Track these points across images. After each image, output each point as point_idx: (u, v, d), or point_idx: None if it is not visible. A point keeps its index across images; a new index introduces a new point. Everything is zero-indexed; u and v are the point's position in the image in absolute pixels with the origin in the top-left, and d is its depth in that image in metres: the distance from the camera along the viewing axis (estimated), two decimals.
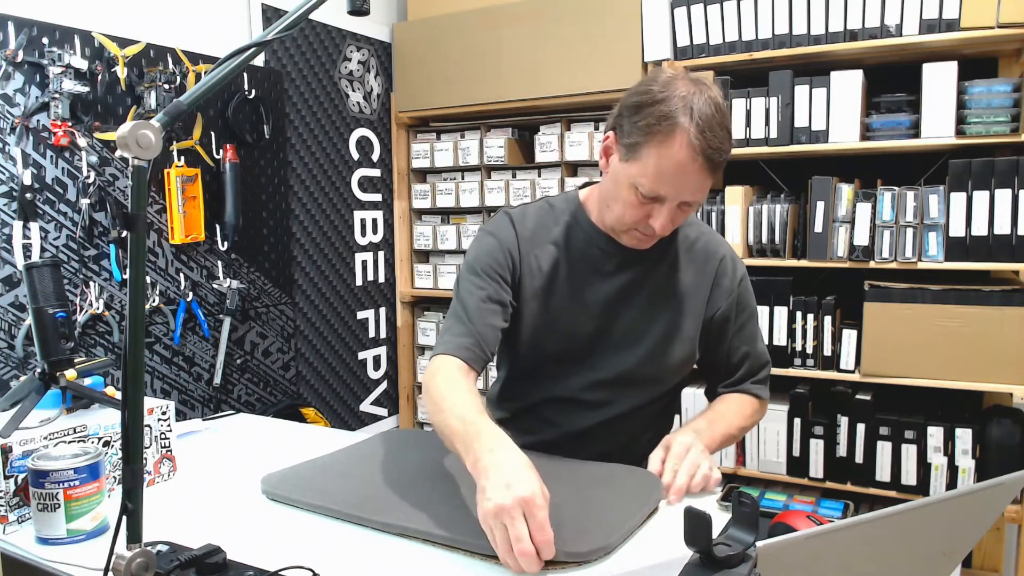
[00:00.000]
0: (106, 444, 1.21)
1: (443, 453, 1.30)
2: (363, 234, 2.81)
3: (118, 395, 1.28)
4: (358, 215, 2.78)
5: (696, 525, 0.84)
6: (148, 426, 1.28)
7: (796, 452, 2.28)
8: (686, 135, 1.10)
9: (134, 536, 0.82)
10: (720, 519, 1.05)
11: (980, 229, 2.01)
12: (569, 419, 1.35)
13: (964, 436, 2.08)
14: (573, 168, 2.63)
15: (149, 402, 1.27)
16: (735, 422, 1.35)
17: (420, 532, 1.03)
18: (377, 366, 2.90)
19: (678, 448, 1.18)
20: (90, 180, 1.87)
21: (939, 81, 2.03)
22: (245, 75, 2.27)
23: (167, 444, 1.31)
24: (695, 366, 1.43)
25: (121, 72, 1.90)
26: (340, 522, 1.09)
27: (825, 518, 0.91)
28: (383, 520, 1.06)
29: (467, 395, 1.11)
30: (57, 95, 1.78)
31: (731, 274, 1.37)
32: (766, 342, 2.26)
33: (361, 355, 2.82)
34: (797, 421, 2.27)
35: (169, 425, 1.31)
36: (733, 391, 1.41)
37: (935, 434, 2.11)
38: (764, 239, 2.26)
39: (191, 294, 2.12)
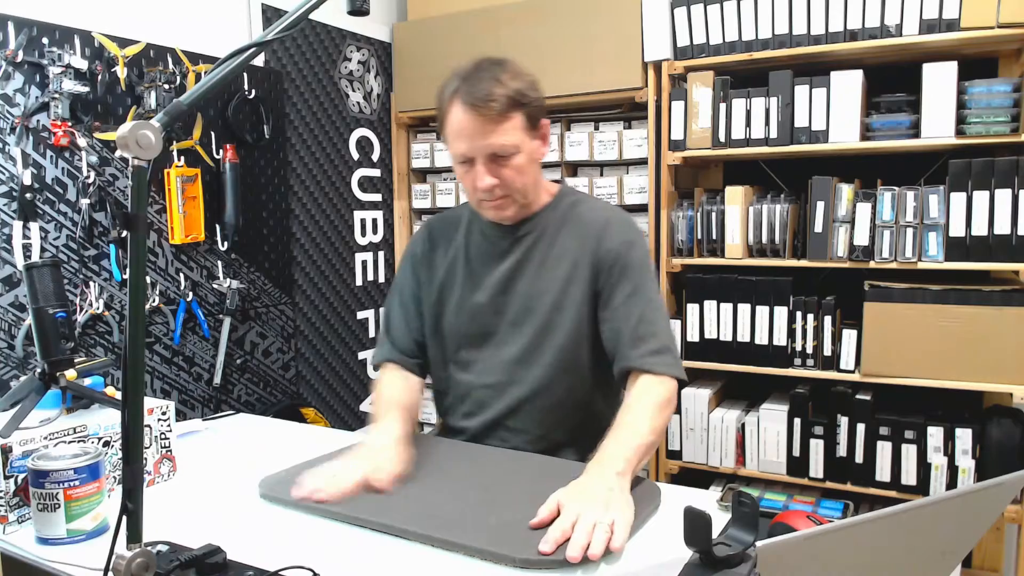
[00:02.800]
0: (106, 444, 1.21)
1: (437, 455, 1.30)
2: (363, 234, 2.81)
3: (118, 395, 1.28)
4: (358, 215, 2.78)
5: (696, 525, 0.84)
6: (148, 426, 1.28)
7: (796, 452, 2.28)
8: (455, 95, 1.30)
9: (134, 536, 0.82)
10: (720, 519, 1.04)
11: (980, 229, 2.01)
12: (485, 404, 1.41)
13: (964, 436, 2.08)
14: (573, 168, 2.63)
15: (149, 402, 1.27)
16: (647, 427, 1.20)
17: (419, 534, 1.03)
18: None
19: (566, 514, 1.01)
20: (90, 180, 1.87)
21: (939, 81, 2.03)
22: (245, 75, 2.27)
23: (167, 444, 1.31)
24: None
25: (121, 72, 1.90)
26: (339, 523, 1.09)
27: (825, 518, 0.91)
28: (381, 521, 1.06)
29: (390, 392, 1.42)
30: (57, 95, 1.78)
31: (615, 237, 1.36)
32: (766, 342, 2.28)
33: (361, 355, 2.82)
34: (797, 421, 2.26)
35: (169, 425, 1.31)
36: (630, 369, 1.30)
37: (935, 434, 2.11)
38: (764, 239, 2.26)
39: (191, 294, 2.12)
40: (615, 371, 1.34)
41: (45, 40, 1.78)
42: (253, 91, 2.28)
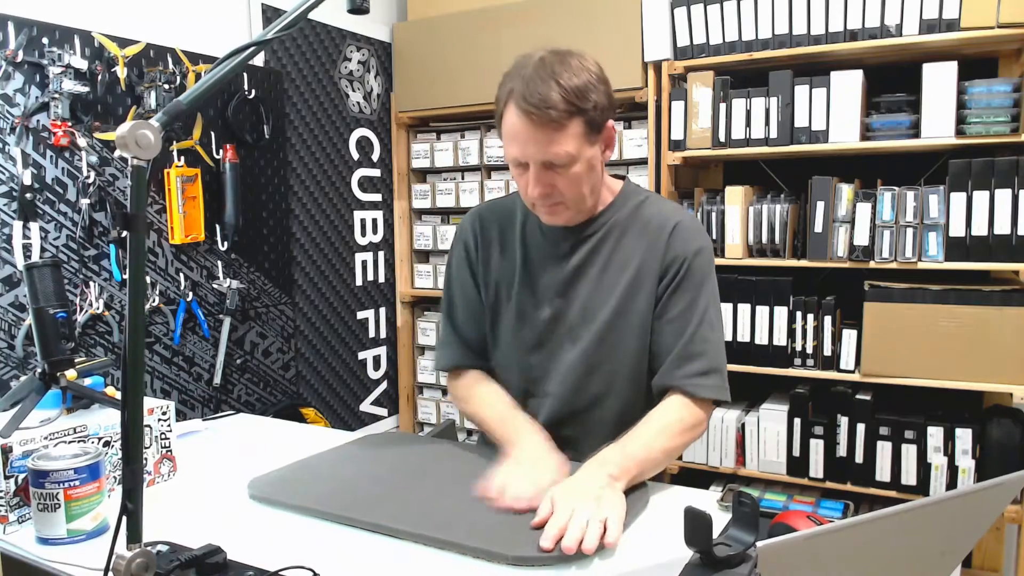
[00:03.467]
0: (106, 444, 1.21)
1: (431, 454, 1.30)
2: (363, 234, 2.81)
3: (118, 395, 1.28)
4: (358, 215, 2.78)
5: (696, 525, 0.84)
6: (148, 426, 1.28)
7: (796, 452, 2.28)
8: (514, 96, 1.20)
9: (134, 536, 0.82)
10: (720, 519, 1.04)
11: (980, 229, 2.01)
12: (541, 411, 1.36)
13: (964, 436, 2.08)
14: None
15: (149, 402, 1.27)
16: (658, 445, 1.19)
17: (412, 533, 1.03)
18: (377, 366, 2.90)
19: (561, 510, 1.02)
20: (90, 180, 1.87)
21: (939, 81, 2.03)
22: (245, 75, 2.27)
23: (167, 444, 1.31)
24: None
25: (121, 72, 1.90)
26: (338, 524, 1.09)
27: (825, 518, 0.91)
28: (375, 521, 1.06)
29: (501, 401, 1.36)
30: (57, 95, 1.78)
31: (683, 243, 1.30)
32: (766, 342, 2.28)
33: (361, 355, 2.82)
34: (797, 421, 2.26)
35: (169, 425, 1.31)
36: (666, 386, 1.28)
37: (935, 434, 2.11)
38: (764, 239, 2.26)
39: (191, 294, 2.12)
40: (654, 385, 1.30)
41: (45, 40, 1.78)
42: (253, 91, 2.28)
